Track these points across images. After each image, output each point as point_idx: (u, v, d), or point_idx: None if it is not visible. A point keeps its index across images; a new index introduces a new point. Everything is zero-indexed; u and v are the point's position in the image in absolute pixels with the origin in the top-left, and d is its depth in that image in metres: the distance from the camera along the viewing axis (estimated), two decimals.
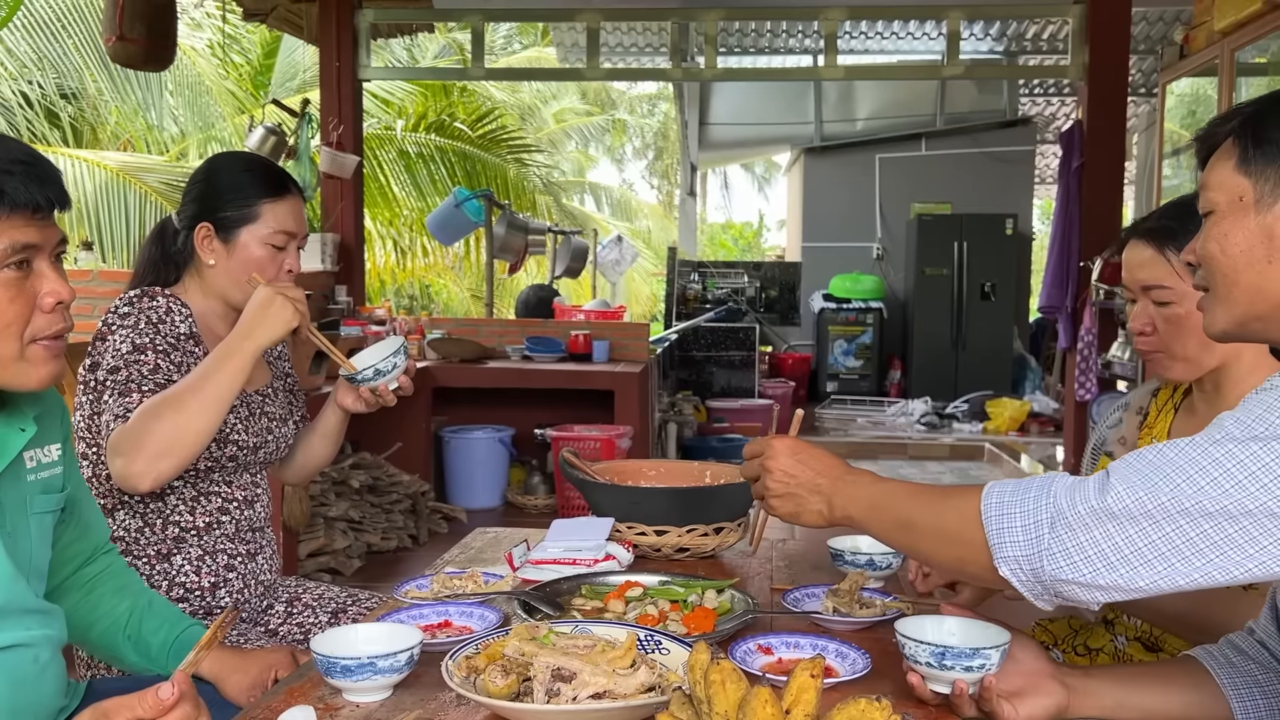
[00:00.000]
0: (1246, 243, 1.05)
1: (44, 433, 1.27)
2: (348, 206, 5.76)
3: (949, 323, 9.48)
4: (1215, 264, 1.08)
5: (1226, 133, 1.10)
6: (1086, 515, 0.96)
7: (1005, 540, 1.01)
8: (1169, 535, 0.94)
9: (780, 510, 1.28)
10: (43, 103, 7.96)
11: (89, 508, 1.44)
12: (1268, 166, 1.05)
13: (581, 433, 4.96)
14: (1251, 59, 4.54)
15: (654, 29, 8.32)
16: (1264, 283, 1.05)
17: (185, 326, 1.75)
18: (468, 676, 1.13)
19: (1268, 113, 1.07)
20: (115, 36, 4.14)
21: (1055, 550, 0.97)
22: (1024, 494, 1.02)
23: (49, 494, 1.28)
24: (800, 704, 0.88)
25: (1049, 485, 1.01)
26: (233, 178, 1.80)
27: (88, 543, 1.42)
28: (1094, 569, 0.96)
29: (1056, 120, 11.34)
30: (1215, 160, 1.11)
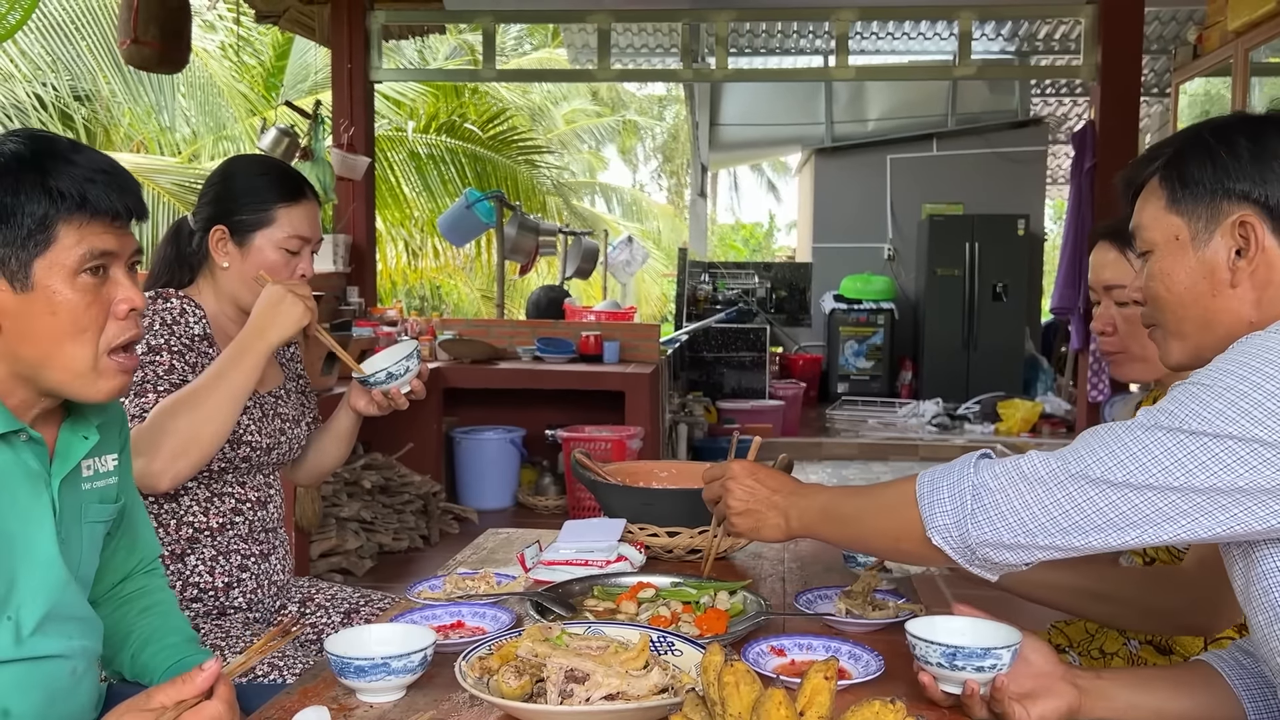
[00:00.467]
0: (1189, 279, 1.10)
1: (104, 443, 1.27)
2: (359, 208, 5.77)
3: (960, 323, 9.45)
4: (1162, 303, 1.14)
5: (1151, 174, 1.15)
6: (1004, 479, 1.07)
7: (935, 512, 1.11)
8: (1073, 497, 1.03)
9: (741, 526, 1.36)
10: (56, 105, 8.00)
11: (142, 522, 1.44)
12: (1197, 205, 1.09)
13: (592, 434, 4.97)
14: (1265, 59, 4.52)
15: (665, 30, 8.32)
16: (1211, 315, 1.10)
17: (199, 328, 1.76)
18: (481, 677, 1.13)
19: (1190, 152, 1.11)
20: (130, 39, 4.16)
21: (979, 515, 1.07)
22: (950, 471, 1.13)
23: (104, 504, 1.28)
24: (814, 706, 0.88)
25: (971, 459, 1.12)
26: (249, 181, 1.80)
27: (134, 557, 1.42)
28: (1009, 528, 1.06)
29: (1068, 120, 11.29)
30: (1144, 201, 1.16)
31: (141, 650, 1.37)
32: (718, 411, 7.76)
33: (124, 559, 1.41)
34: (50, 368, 1.13)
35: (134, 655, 1.37)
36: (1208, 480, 0.97)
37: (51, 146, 1.12)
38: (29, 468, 1.15)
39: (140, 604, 1.42)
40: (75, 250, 1.10)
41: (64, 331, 1.11)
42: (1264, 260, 1.07)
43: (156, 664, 1.36)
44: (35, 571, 1.15)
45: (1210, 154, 1.10)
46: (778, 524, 1.32)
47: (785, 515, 1.31)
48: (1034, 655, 1.15)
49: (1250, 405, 0.95)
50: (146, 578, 1.45)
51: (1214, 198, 1.09)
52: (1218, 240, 1.08)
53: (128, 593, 1.42)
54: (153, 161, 8.71)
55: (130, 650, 1.38)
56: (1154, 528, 1.01)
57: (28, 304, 1.10)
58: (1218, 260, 1.08)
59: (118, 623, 1.39)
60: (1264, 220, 1.07)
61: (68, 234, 1.10)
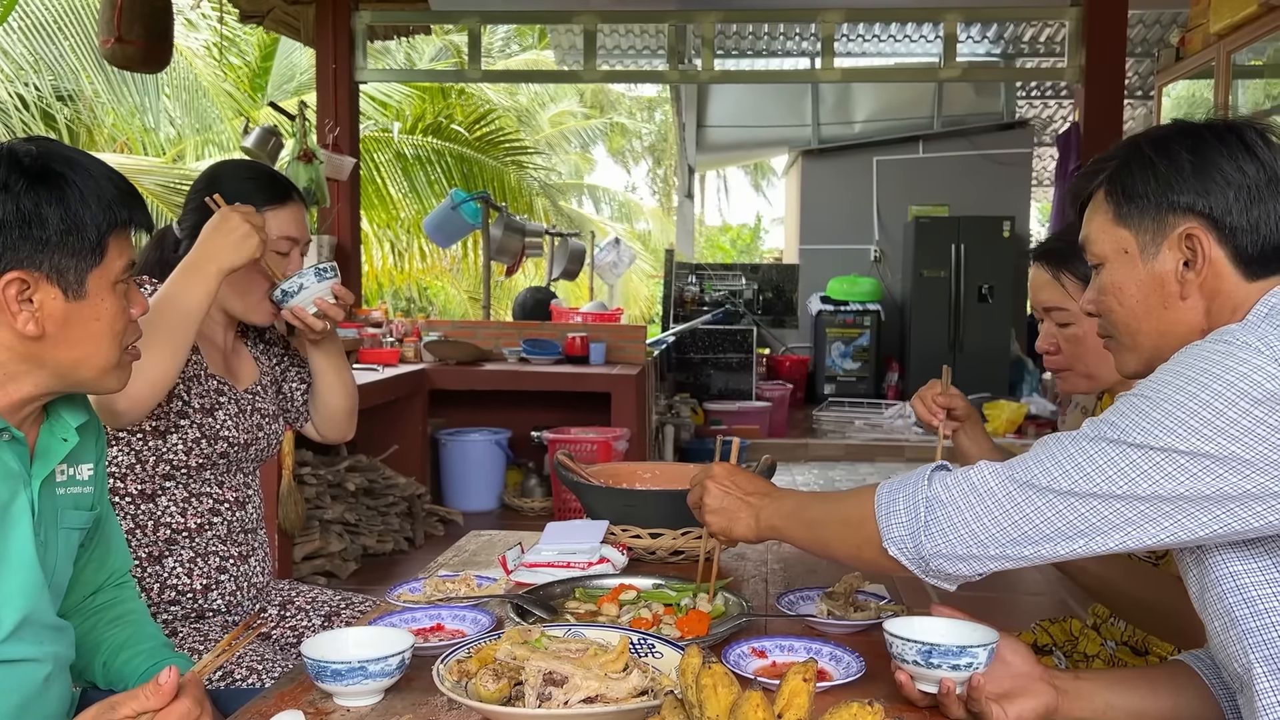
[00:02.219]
0: (1140, 293, 1.12)
1: (79, 450, 1.29)
2: (344, 209, 5.75)
3: (946, 325, 9.48)
4: (1115, 316, 1.15)
5: (1096, 187, 1.16)
6: (955, 490, 1.08)
7: (891, 524, 1.12)
8: (1020, 507, 1.05)
9: (715, 524, 1.38)
10: (39, 104, 7.94)
11: (114, 535, 1.44)
12: (1143, 219, 1.10)
13: (578, 435, 4.96)
14: (1247, 61, 4.55)
15: (651, 31, 8.32)
16: (1165, 326, 1.11)
17: None
18: (459, 681, 1.12)
19: (1132, 166, 1.12)
20: (114, 39, 4.13)
21: (931, 528, 1.09)
22: (905, 481, 1.14)
23: (79, 510, 1.29)
24: (792, 708, 0.87)
25: (926, 471, 1.14)
26: (235, 185, 1.80)
27: (105, 570, 1.42)
28: (960, 540, 1.07)
29: (1054, 123, 11.34)
30: (1091, 213, 1.17)
31: (114, 658, 1.36)
32: (705, 413, 7.75)
33: (94, 572, 1.41)
34: (84, 368, 1.19)
35: (106, 664, 1.36)
36: (1149, 489, 0.99)
37: (85, 159, 1.20)
38: (9, 467, 1.15)
39: (110, 614, 1.41)
40: (119, 262, 1.19)
41: (103, 335, 1.19)
42: (1211, 271, 1.08)
43: (130, 670, 1.35)
44: (13, 574, 1.14)
45: (1151, 167, 1.10)
46: (748, 523, 1.34)
47: (756, 515, 1.33)
48: (1012, 656, 1.16)
49: (1188, 416, 0.97)
50: (117, 590, 1.44)
51: (1159, 210, 1.10)
52: (1165, 253, 1.10)
53: (98, 604, 1.42)
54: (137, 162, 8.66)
55: (102, 659, 1.37)
56: (1100, 535, 1.02)
57: (76, 311, 1.17)
58: (1166, 273, 1.10)
59: (88, 633, 1.38)
60: (1209, 231, 1.08)
61: (114, 247, 1.19)
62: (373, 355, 4.97)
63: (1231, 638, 1.03)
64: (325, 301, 1.77)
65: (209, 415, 1.74)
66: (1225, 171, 1.07)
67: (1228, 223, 1.07)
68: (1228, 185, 1.07)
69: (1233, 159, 1.08)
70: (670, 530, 1.72)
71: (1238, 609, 1.02)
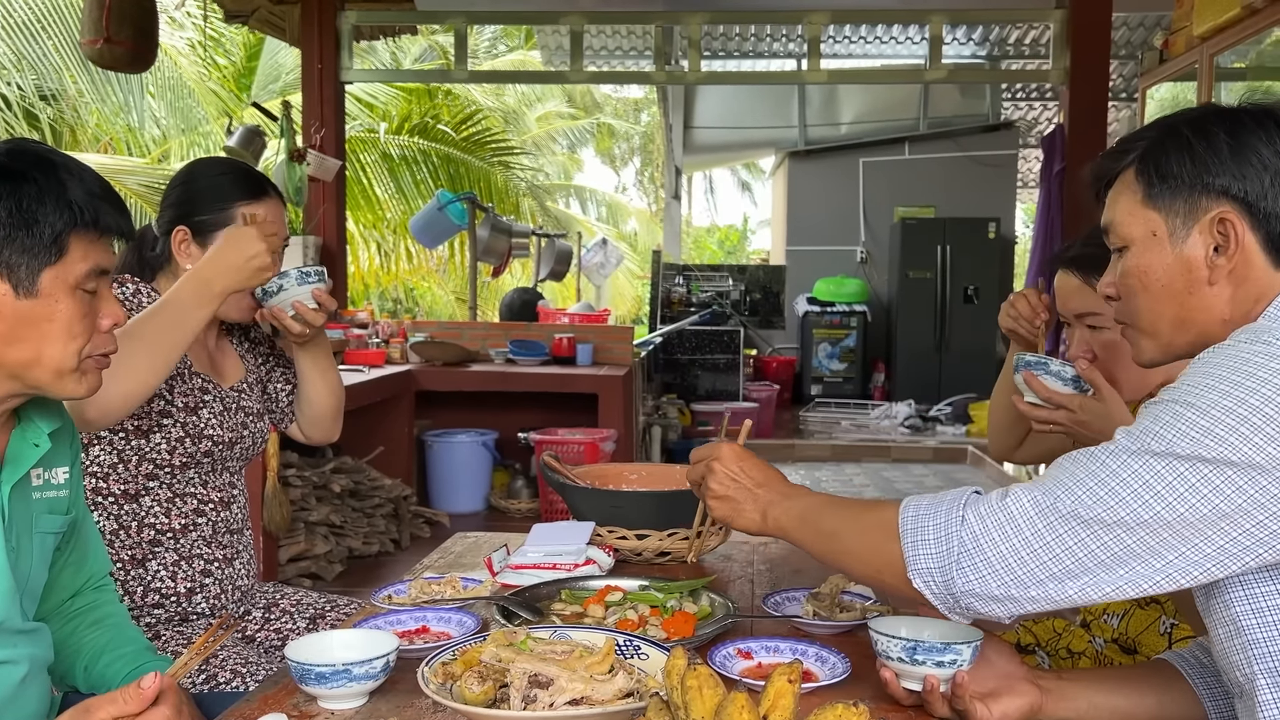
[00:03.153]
0: (1167, 276, 1.08)
1: (54, 454, 1.28)
2: (330, 209, 5.73)
3: (932, 326, 9.52)
4: (1138, 300, 1.11)
5: (1124, 166, 1.12)
6: (991, 522, 1.00)
7: (919, 553, 1.04)
8: (1064, 540, 0.97)
9: (717, 511, 1.31)
10: (21, 104, 7.89)
11: (92, 538, 1.43)
12: (1175, 200, 1.07)
13: (565, 436, 4.95)
14: (1230, 64, 4.58)
15: (638, 32, 8.32)
16: (1187, 313, 1.08)
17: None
18: (444, 683, 1.12)
19: (1167, 145, 1.09)
20: (102, 39, 4.08)
21: (964, 563, 1.01)
22: (937, 507, 1.05)
23: (54, 514, 1.28)
24: (778, 709, 0.87)
25: (960, 499, 1.04)
26: (210, 181, 1.79)
27: (83, 574, 1.41)
28: (998, 578, 1.00)
29: (1039, 124, 11.40)
30: (1118, 195, 1.13)
31: (95, 662, 1.35)
32: (692, 414, 7.76)
33: (72, 575, 1.39)
34: (38, 370, 1.16)
35: (87, 668, 1.35)
36: (1204, 508, 0.93)
37: (61, 158, 1.18)
38: None
39: (90, 618, 1.40)
40: (82, 265, 1.16)
41: (56, 337, 1.16)
42: (1242, 258, 1.05)
43: (112, 674, 1.34)
44: None
45: (1188, 148, 1.07)
46: (753, 518, 1.26)
47: (763, 511, 1.25)
48: (996, 655, 1.16)
49: (1238, 423, 0.92)
50: (96, 593, 1.43)
51: (1192, 193, 1.06)
52: (1195, 237, 1.06)
53: (77, 608, 1.40)
54: (120, 162, 8.61)
55: (83, 663, 1.36)
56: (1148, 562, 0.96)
57: (28, 310, 1.14)
58: (1195, 257, 1.06)
59: (68, 637, 1.37)
60: (1243, 216, 1.05)
61: (77, 248, 1.15)
62: (358, 356, 4.95)
63: (1235, 646, 1.01)
64: (303, 305, 1.72)
65: (193, 414, 1.73)
66: (1262, 155, 1.04)
67: (1262, 208, 1.04)
68: (1264, 170, 1.04)
69: (1270, 143, 1.05)
70: (656, 531, 1.71)
71: (1245, 618, 0.99)
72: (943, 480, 6.88)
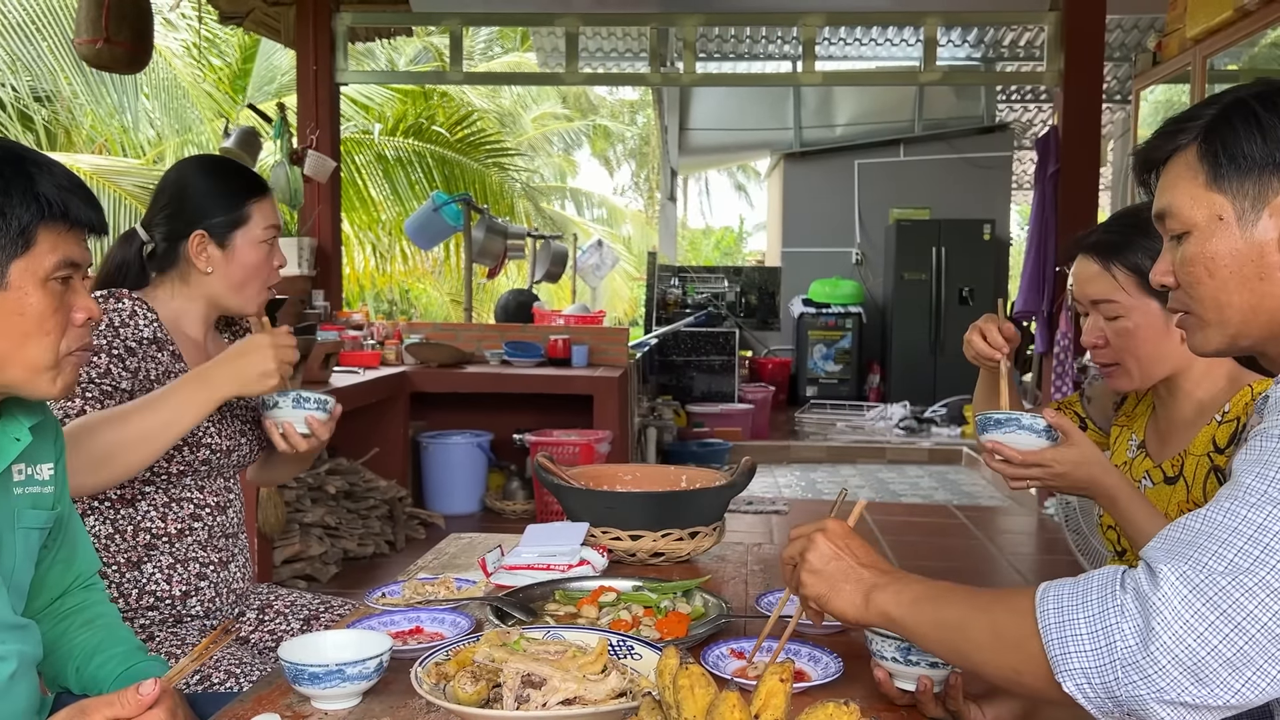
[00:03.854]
0: (1236, 262, 1.01)
1: (37, 450, 1.27)
2: (325, 211, 5.73)
3: (927, 327, 9.53)
4: (1203, 287, 1.04)
5: (1181, 147, 1.06)
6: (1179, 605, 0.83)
7: (1069, 651, 0.88)
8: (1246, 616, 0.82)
9: (811, 588, 1.15)
10: (16, 105, 7.87)
11: (80, 536, 1.42)
12: (1244, 180, 1.00)
13: (560, 437, 4.95)
14: (1223, 66, 4.59)
15: (634, 34, 8.32)
16: (1258, 300, 1.01)
17: (149, 330, 1.73)
18: (437, 683, 1.12)
19: (1235, 123, 1.01)
20: (102, 39, 4.08)
21: (1131, 662, 0.84)
22: (1085, 598, 0.89)
23: (38, 510, 1.27)
24: (769, 708, 0.88)
25: (1113, 580, 0.89)
26: (218, 182, 1.79)
27: (72, 572, 1.40)
28: (1194, 679, 0.83)
29: (1034, 126, 11.43)
30: (1175, 179, 1.06)
31: (87, 663, 1.35)
32: (687, 415, 7.77)
33: (61, 574, 1.39)
34: (10, 365, 1.15)
35: (79, 669, 1.35)
36: None
37: (29, 153, 1.17)
38: None
39: (81, 618, 1.40)
40: (50, 257, 1.15)
41: (28, 332, 1.15)
42: None
43: (105, 674, 1.33)
44: None
45: (1258, 124, 1.00)
46: (853, 600, 1.10)
47: (866, 594, 1.10)
48: None
49: None
50: (85, 593, 1.42)
51: (1264, 173, 0.99)
52: (1266, 220, 0.99)
53: (67, 608, 1.40)
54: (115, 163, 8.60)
55: (75, 664, 1.36)
56: None
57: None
58: (1268, 242, 0.99)
59: (59, 638, 1.37)
60: None
61: (45, 240, 1.14)
62: (353, 358, 4.95)
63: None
64: (292, 429, 1.67)
65: None
66: None
67: None
68: None
69: None
70: (650, 532, 1.72)
71: None
72: (937, 481, 6.89)
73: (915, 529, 5.30)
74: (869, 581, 1.10)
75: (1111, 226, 1.55)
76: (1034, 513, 5.66)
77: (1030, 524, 5.52)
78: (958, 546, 5.00)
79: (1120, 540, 1.59)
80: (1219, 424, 1.45)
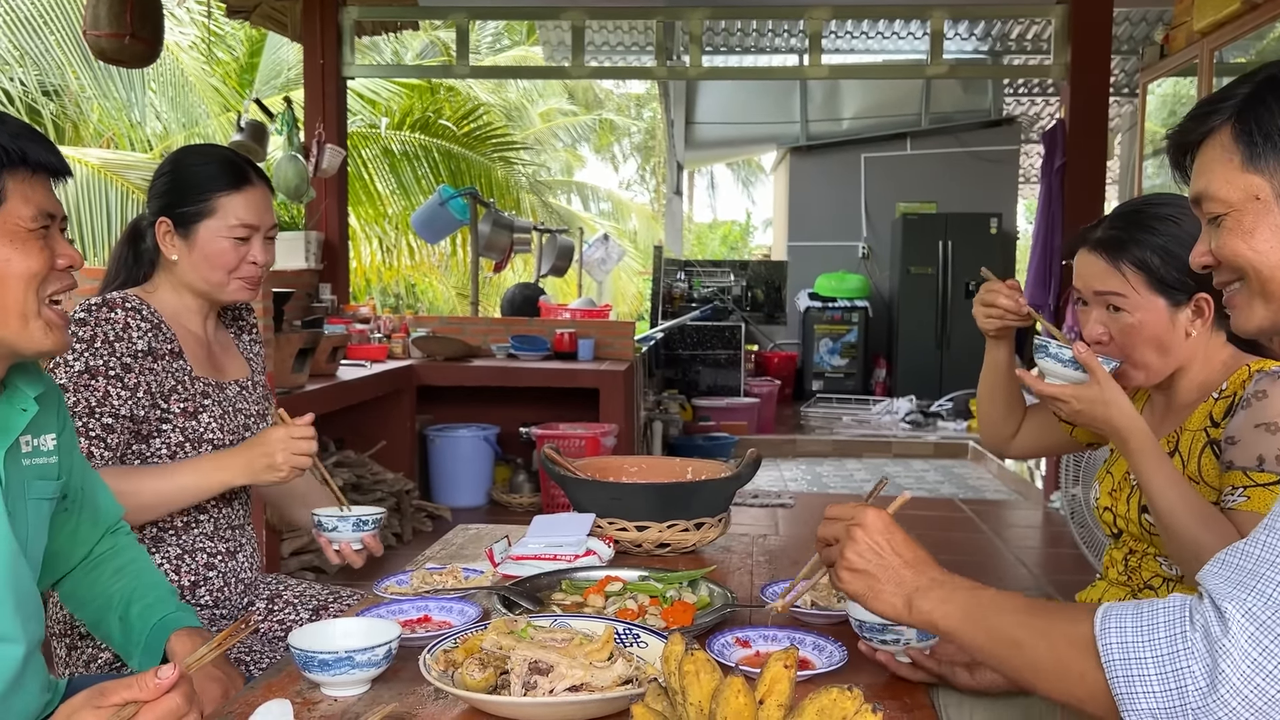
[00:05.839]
0: (1276, 239, 1.01)
1: (41, 421, 1.28)
2: (332, 205, 5.74)
3: (934, 321, 9.52)
4: (1245, 261, 1.03)
5: (1214, 128, 1.05)
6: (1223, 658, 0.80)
7: (1136, 692, 0.84)
8: None
9: (850, 585, 1.12)
10: (24, 99, 7.90)
11: (99, 490, 1.46)
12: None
13: (566, 431, 4.96)
14: (1231, 59, 4.58)
15: (640, 27, 8.32)
16: None
17: (145, 342, 1.70)
18: (445, 670, 1.13)
19: (1267, 99, 1.00)
20: (127, 34, 4.07)
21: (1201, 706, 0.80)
22: (1153, 635, 0.85)
23: (45, 480, 1.29)
24: (774, 694, 0.89)
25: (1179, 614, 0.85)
26: (191, 171, 1.78)
27: (99, 525, 1.45)
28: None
29: (1041, 120, 11.39)
30: (1210, 161, 1.05)
31: (127, 611, 1.39)
32: (693, 409, 7.77)
33: (90, 529, 1.43)
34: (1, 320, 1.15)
35: (122, 618, 1.39)
36: None
37: None
38: None
39: (111, 566, 1.43)
40: (25, 209, 1.13)
41: (8, 288, 1.14)
42: None
43: (144, 624, 1.38)
44: None
45: None
46: (893, 603, 1.08)
47: (908, 598, 1.07)
48: None
49: None
50: (112, 537, 1.47)
51: None
52: None
53: (96, 554, 1.44)
54: (123, 157, 8.63)
55: (117, 614, 1.40)
56: None
57: None
58: None
59: (92, 586, 1.41)
60: None
61: (15, 192, 1.13)
62: (360, 351, 4.96)
63: None
64: (349, 549, 1.69)
65: (192, 419, 1.74)
66: None
67: None
68: None
69: None
70: (656, 523, 1.73)
71: None
72: (943, 475, 6.89)
73: (921, 523, 5.31)
74: (910, 585, 1.07)
75: (1117, 222, 1.54)
76: (1039, 506, 5.66)
77: (1036, 518, 5.52)
78: (963, 540, 5.00)
79: (1115, 522, 1.60)
80: (1215, 400, 1.46)
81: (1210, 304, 1.48)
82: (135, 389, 1.68)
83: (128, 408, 1.66)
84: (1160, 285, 1.48)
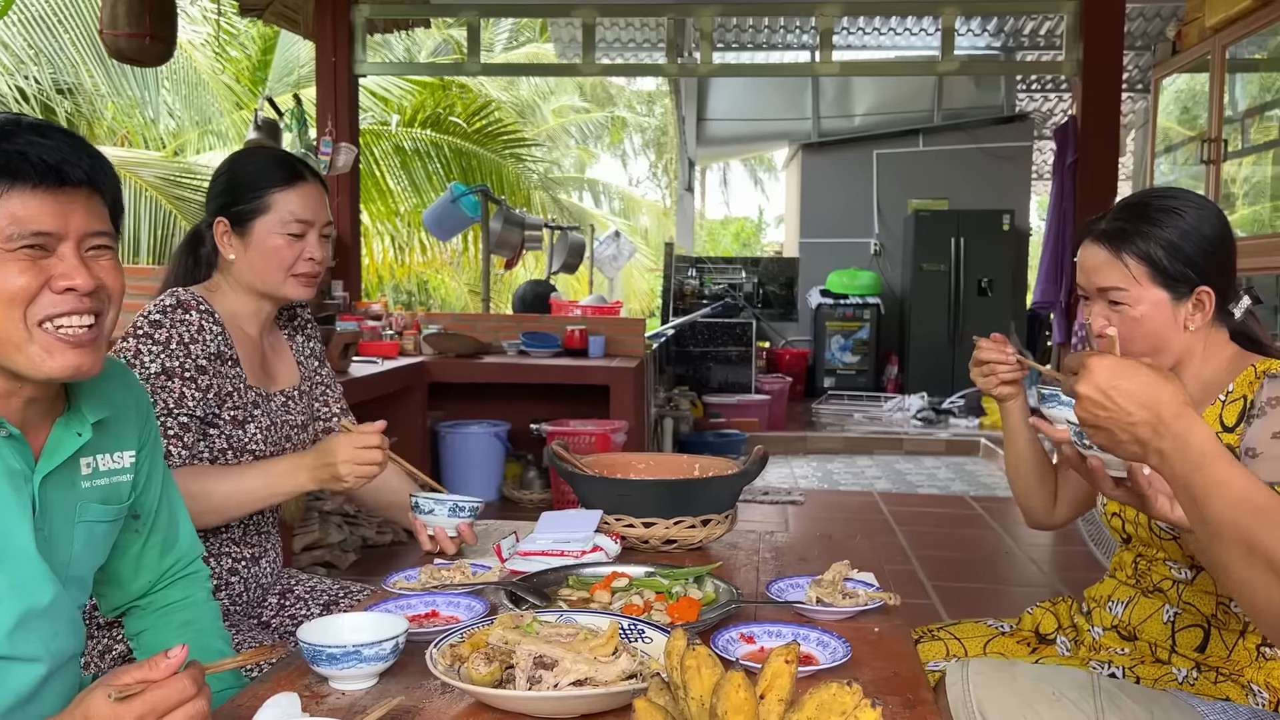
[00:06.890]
0: None
1: (112, 438, 1.25)
2: (344, 202, 5.76)
3: (946, 318, 9.50)
4: None
5: None
6: None
7: None
8: None
9: (1096, 439, 1.10)
10: (39, 97, 7.96)
11: (181, 519, 1.42)
12: None
13: (577, 427, 4.97)
14: (1243, 55, 4.55)
15: (651, 24, 8.33)
16: None
17: (215, 345, 1.72)
18: (452, 665, 1.15)
19: None
20: (147, 35, 4.10)
21: None
22: None
23: (106, 504, 1.25)
24: (774, 689, 0.89)
25: None
26: (245, 170, 1.81)
27: (171, 557, 1.40)
28: None
29: (1053, 116, 11.35)
30: None
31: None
32: (704, 406, 7.78)
33: (158, 557, 1.40)
34: None
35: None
36: None
37: None
38: (8, 465, 1.13)
39: (179, 618, 1.40)
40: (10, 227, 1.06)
41: None
42: None
43: None
44: (9, 569, 1.13)
45: None
46: (1135, 453, 1.05)
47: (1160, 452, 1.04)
48: None
49: None
50: (187, 584, 1.43)
51: None
52: None
53: (169, 602, 1.40)
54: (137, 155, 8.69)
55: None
56: None
57: None
58: None
59: (156, 633, 1.39)
60: None
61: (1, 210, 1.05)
62: (372, 348, 4.99)
63: None
64: (443, 533, 1.75)
65: (239, 428, 1.75)
66: None
67: None
68: None
69: None
70: (663, 520, 1.74)
71: None
72: (955, 472, 6.88)
73: (931, 519, 5.30)
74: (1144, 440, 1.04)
75: (1120, 214, 1.53)
76: None
77: None
78: (974, 537, 5.00)
79: (1125, 527, 1.60)
80: (1224, 403, 1.45)
81: (1211, 297, 1.48)
82: (207, 390, 1.70)
83: (201, 409, 1.69)
84: (1163, 277, 1.48)
